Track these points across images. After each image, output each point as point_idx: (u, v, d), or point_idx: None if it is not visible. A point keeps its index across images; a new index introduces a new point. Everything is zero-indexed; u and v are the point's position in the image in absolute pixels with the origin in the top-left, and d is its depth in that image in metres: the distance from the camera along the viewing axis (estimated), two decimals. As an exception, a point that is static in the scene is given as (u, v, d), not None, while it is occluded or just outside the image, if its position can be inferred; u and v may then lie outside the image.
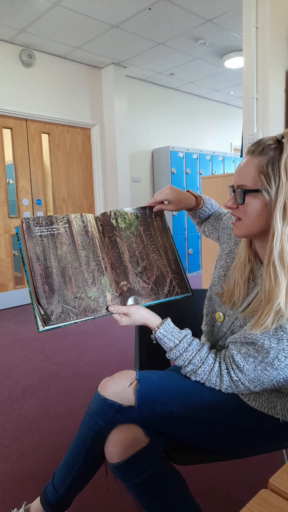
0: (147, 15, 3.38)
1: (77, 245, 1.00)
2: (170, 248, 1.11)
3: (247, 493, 1.34)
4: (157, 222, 1.12)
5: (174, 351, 0.95)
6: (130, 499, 1.32)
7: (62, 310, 0.93)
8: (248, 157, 0.87)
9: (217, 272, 1.09)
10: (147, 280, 1.04)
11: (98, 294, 0.98)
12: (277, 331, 0.84)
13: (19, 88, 3.95)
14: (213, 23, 3.56)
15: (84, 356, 2.65)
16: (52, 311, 0.92)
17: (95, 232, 1.03)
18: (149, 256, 1.07)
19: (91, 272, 0.99)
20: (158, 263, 1.07)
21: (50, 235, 0.98)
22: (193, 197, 1.18)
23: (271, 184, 0.82)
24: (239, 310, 0.96)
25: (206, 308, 1.11)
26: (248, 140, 2.58)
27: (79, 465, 1.00)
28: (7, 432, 1.78)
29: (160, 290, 1.04)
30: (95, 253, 1.01)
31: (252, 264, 0.96)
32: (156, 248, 1.09)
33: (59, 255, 0.97)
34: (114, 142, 4.61)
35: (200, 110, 5.90)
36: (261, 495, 0.55)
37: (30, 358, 2.65)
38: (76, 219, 1.01)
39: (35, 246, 0.95)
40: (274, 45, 2.47)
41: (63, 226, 0.99)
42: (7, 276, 4.10)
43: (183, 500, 0.96)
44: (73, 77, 4.39)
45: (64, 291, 0.95)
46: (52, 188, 4.41)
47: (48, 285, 0.94)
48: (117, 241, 1.04)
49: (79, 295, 0.96)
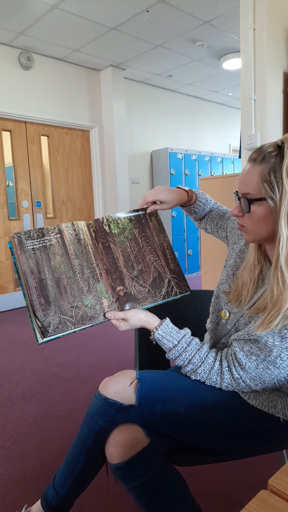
0: (145, 17, 3.39)
1: (70, 254, 0.99)
2: (168, 247, 1.11)
3: (247, 494, 1.34)
4: (152, 222, 1.12)
5: (173, 352, 0.96)
6: (131, 501, 1.32)
7: (59, 321, 0.93)
8: (250, 164, 0.88)
9: (225, 271, 1.10)
10: (144, 283, 1.04)
11: (95, 301, 0.98)
12: (281, 330, 0.84)
13: (18, 90, 3.96)
14: (210, 25, 3.57)
15: (84, 358, 2.65)
16: (49, 322, 0.92)
17: (88, 240, 1.03)
18: (145, 258, 1.06)
19: (86, 280, 0.99)
20: (156, 264, 1.07)
21: (43, 247, 0.97)
22: (184, 192, 1.17)
23: (274, 191, 0.83)
24: (244, 308, 0.96)
25: (212, 306, 1.12)
26: (247, 141, 2.59)
27: (80, 467, 1.00)
28: (8, 434, 1.78)
29: (158, 292, 1.04)
30: (89, 261, 1.01)
31: (262, 265, 0.97)
32: (153, 249, 1.08)
33: (52, 266, 0.96)
34: (113, 144, 4.61)
35: (198, 111, 5.91)
36: (261, 496, 0.55)
37: (30, 360, 2.65)
38: (67, 229, 1.01)
39: (28, 260, 0.95)
40: (271, 46, 2.48)
41: (55, 237, 0.99)
42: (7, 278, 4.10)
43: (184, 501, 0.96)
44: (72, 79, 4.39)
45: (60, 301, 0.94)
46: (52, 190, 4.41)
47: (43, 297, 0.94)
48: (111, 246, 1.04)
49: (76, 304, 0.96)
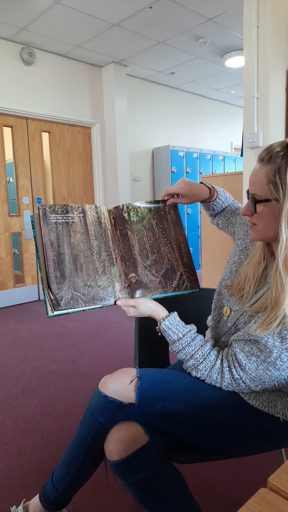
0: (148, 14, 3.37)
1: (90, 234, 1.02)
2: (184, 241, 1.12)
3: (246, 492, 1.34)
4: (171, 215, 1.13)
5: (177, 344, 0.96)
6: (130, 497, 1.33)
7: (72, 296, 0.95)
8: (258, 164, 0.88)
9: (229, 267, 1.09)
10: (156, 273, 1.05)
11: (108, 284, 1.00)
12: (281, 331, 0.84)
13: (20, 86, 3.94)
14: (214, 22, 3.55)
15: (83, 355, 2.66)
16: (62, 296, 0.94)
17: (108, 224, 1.06)
18: (160, 249, 1.08)
19: (102, 261, 1.01)
20: (170, 256, 1.08)
21: (65, 223, 1.00)
22: (206, 189, 1.18)
23: (279, 192, 0.83)
24: (246, 306, 0.96)
25: (214, 302, 1.12)
26: (249, 140, 2.58)
27: (79, 463, 1.00)
28: (7, 430, 1.78)
29: (169, 284, 1.05)
30: (107, 244, 1.03)
31: (267, 262, 0.97)
32: (168, 241, 1.10)
33: (72, 243, 0.99)
34: (114, 141, 4.60)
35: (200, 109, 5.89)
36: (260, 494, 0.55)
37: (29, 357, 2.65)
38: (90, 210, 1.04)
39: (50, 233, 0.98)
40: (275, 44, 2.47)
41: (78, 216, 1.02)
42: (7, 274, 4.10)
43: (182, 498, 0.96)
44: (74, 75, 4.38)
45: (74, 278, 0.97)
46: (53, 187, 4.40)
47: (59, 271, 0.96)
48: (128, 234, 1.06)
49: (89, 283, 0.98)
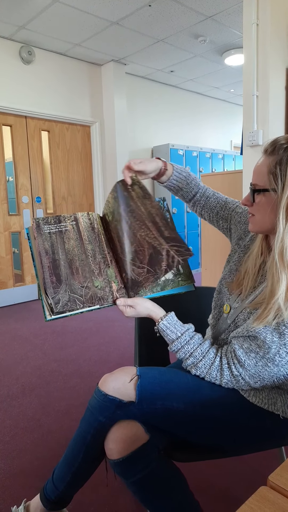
0: (147, 12, 3.36)
1: (84, 239, 1.04)
2: (158, 213, 1.03)
3: (246, 490, 1.34)
4: (135, 191, 1.06)
5: (175, 343, 0.96)
6: (130, 496, 1.33)
7: (69, 298, 0.96)
8: (263, 156, 0.89)
9: (229, 266, 1.09)
10: (141, 264, 1.01)
11: (105, 284, 1.00)
12: (279, 326, 0.84)
13: (19, 85, 3.93)
14: (213, 20, 3.54)
15: (83, 354, 2.66)
16: (59, 299, 0.95)
17: (100, 229, 1.08)
18: (136, 236, 1.02)
19: (97, 263, 1.02)
20: (148, 238, 1.01)
21: (58, 231, 1.03)
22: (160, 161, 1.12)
23: (278, 183, 0.84)
24: (245, 302, 0.96)
25: (214, 301, 1.12)
26: (248, 138, 2.58)
27: (79, 462, 1.00)
28: (7, 429, 1.78)
29: (158, 268, 0.99)
30: (101, 247, 1.05)
31: (265, 256, 0.97)
32: (141, 223, 1.03)
33: (66, 249, 1.01)
34: (114, 140, 4.60)
35: (200, 107, 5.88)
36: (261, 492, 0.55)
37: (29, 356, 2.65)
38: (83, 217, 1.07)
39: (44, 242, 1.01)
40: (274, 42, 2.46)
41: (71, 224, 1.05)
42: (6, 273, 4.10)
43: (182, 497, 0.97)
44: (73, 74, 4.37)
45: (71, 281, 0.98)
46: (52, 186, 4.40)
47: (55, 275, 0.97)
48: (113, 236, 1.08)
49: (86, 284, 0.99)
